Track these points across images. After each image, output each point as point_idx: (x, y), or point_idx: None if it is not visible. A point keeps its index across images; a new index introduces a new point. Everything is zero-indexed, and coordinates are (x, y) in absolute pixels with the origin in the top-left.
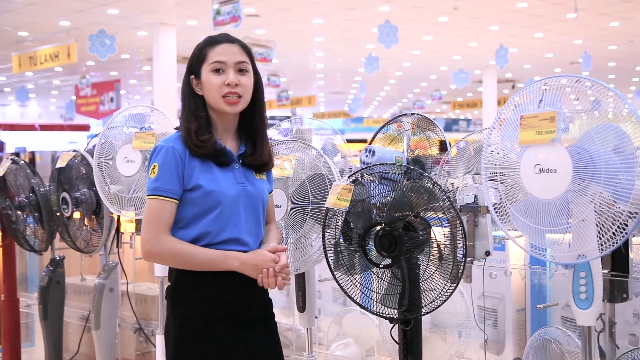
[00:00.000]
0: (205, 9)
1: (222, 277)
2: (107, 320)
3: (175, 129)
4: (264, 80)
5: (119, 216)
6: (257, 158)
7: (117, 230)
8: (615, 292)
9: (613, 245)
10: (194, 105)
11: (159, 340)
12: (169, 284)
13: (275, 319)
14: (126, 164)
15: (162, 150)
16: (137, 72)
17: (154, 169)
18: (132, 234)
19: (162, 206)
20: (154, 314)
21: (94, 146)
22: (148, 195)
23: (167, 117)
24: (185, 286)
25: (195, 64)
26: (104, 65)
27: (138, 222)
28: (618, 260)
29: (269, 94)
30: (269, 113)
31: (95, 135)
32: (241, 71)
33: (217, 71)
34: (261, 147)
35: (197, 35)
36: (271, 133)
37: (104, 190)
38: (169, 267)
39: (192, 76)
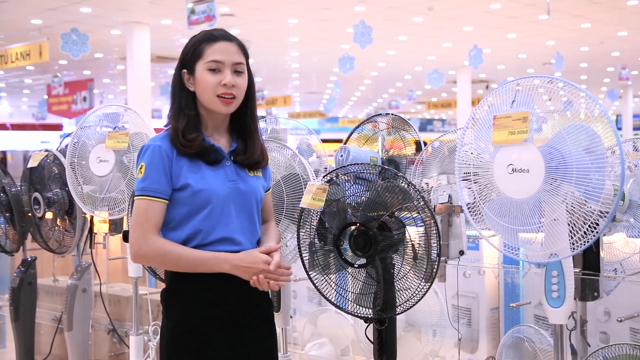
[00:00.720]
0: (179, 8)
1: (216, 278)
2: (80, 322)
3: (164, 126)
4: None
5: (92, 216)
6: (249, 157)
7: (90, 230)
8: (587, 290)
9: (584, 244)
10: (184, 102)
11: (133, 342)
12: (164, 286)
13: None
14: (99, 164)
15: (149, 150)
16: (111, 71)
17: (141, 168)
18: (106, 234)
19: (150, 206)
20: (127, 315)
21: (66, 146)
22: (136, 196)
23: (140, 116)
24: (178, 288)
25: (189, 58)
26: (77, 64)
27: (111, 223)
28: (589, 259)
29: None
30: None
31: (68, 135)
32: (237, 72)
33: (213, 70)
34: (252, 146)
35: (171, 34)
36: None
37: (76, 190)
38: (165, 270)
39: (185, 70)
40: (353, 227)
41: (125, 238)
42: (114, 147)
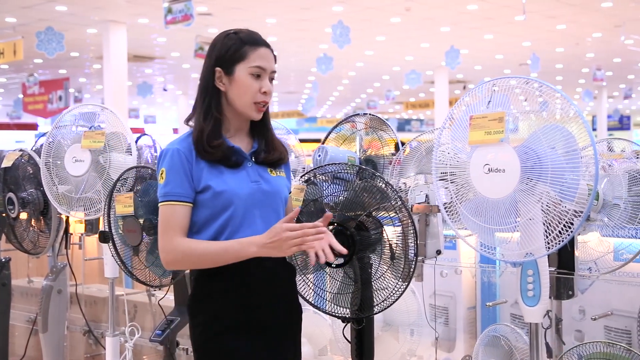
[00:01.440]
0: (156, 7)
1: (241, 281)
2: (55, 323)
3: (186, 122)
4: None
5: (67, 217)
6: (272, 154)
7: (66, 231)
8: (562, 289)
9: (559, 244)
10: (213, 103)
11: (109, 343)
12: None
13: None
14: (75, 164)
15: (168, 154)
16: (87, 70)
17: (162, 174)
18: (82, 234)
19: (173, 211)
20: (104, 316)
21: (41, 145)
22: (160, 202)
23: (117, 116)
24: (202, 295)
25: (229, 57)
26: (53, 63)
27: (87, 223)
28: (564, 258)
29: None
30: None
31: (43, 135)
32: (271, 80)
33: (256, 76)
34: (273, 143)
35: (148, 33)
36: None
37: (52, 190)
38: (191, 278)
39: (219, 69)
40: (331, 227)
41: (102, 238)
42: (89, 147)
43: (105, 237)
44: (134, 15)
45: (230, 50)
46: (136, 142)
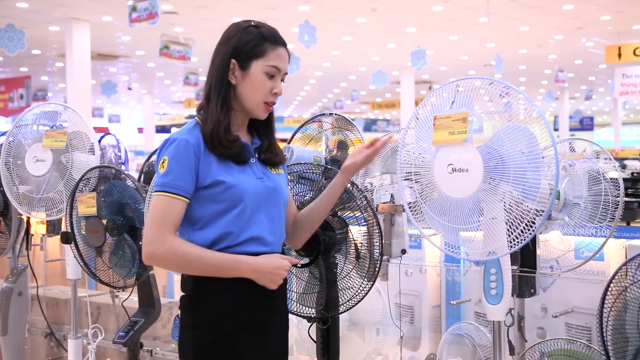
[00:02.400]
0: (120, 5)
1: (242, 282)
2: (16, 326)
3: (197, 114)
4: (182, 78)
5: (28, 217)
6: (276, 157)
7: (27, 232)
8: (524, 287)
9: (522, 242)
10: (229, 95)
11: (72, 345)
12: (184, 293)
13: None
14: (36, 163)
15: (174, 143)
16: (49, 69)
17: (163, 162)
18: (43, 235)
19: (170, 204)
20: (66, 318)
21: (1, 145)
22: (155, 192)
23: (80, 115)
24: (204, 294)
25: (247, 51)
26: (13, 61)
27: (49, 224)
28: (526, 256)
29: (188, 93)
30: (187, 112)
31: (3, 134)
32: (282, 81)
33: (271, 75)
34: (275, 143)
35: (112, 31)
36: None
37: (12, 190)
38: (183, 275)
39: (234, 61)
40: None
41: (64, 239)
42: (51, 147)
43: (67, 238)
44: (97, 13)
45: (250, 44)
46: (99, 141)
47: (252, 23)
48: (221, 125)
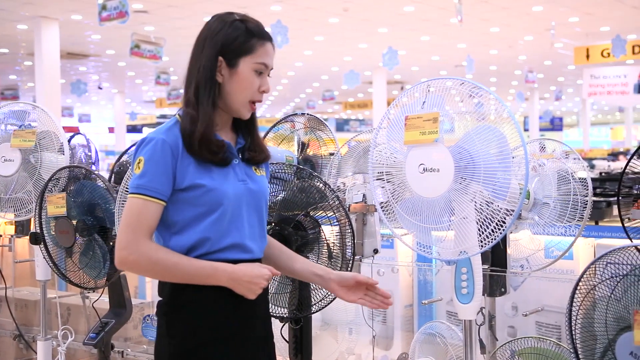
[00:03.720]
0: (90, 3)
1: (223, 290)
2: None
3: (184, 107)
4: (154, 78)
5: None
6: (259, 154)
7: None
8: (495, 286)
9: (492, 242)
10: (214, 93)
11: (41, 347)
12: (161, 298)
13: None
14: (4, 163)
15: (151, 143)
16: (18, 67)
17: (139, 163)
18: (11, 236)
19: (145, 207)
20: (35, 319)
21: None
22: (130, 194)
23: (49, 114)
24: (182, 302)
25: (235, 48)
26: None
27: (18, 224)
28: (497, 255)
29: (159, 92)
30: (159, 111)
31: None
32: (268, 75)
33: (259, 72)
34: (259, 141)
35: (82, 30)
36: None
37: None
38: (161, 281)
39: (222, 58)
40: (268, 227)
41: (33, 240)
42: (19, 146)
43: (36, 239)
44: (66, 11)
45: (237, 40)
46: (69, 141)
47: (237, 17)
48: (209, 127)
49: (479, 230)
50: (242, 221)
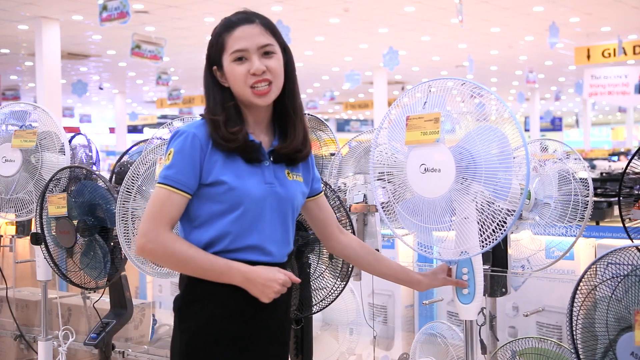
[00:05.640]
0: (90, 4)
1: (240, 289)
2: None
3: (200, 115)
4: (154, 78)
5: None
6: (288, 145)
7: None
8: (495, 286)
9: (493, 242)
10: (221, 97)
11: (42, 347)
12: (178, 292)
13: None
14: (5, 164)
15: (182, 136)
16: (19, 68)
17: (169, 155)
18: (12, 236)
19: (169, 198)
20: (36, 320)
21: None
22: (158, 183)
23: (50, 115)
24: (195, 297)
25: (214, 53)
26: None
27: (19, 225)
28: (498, 256)
29: (160, 93)
30: (159, 112)
31: None
32: (267, 54)
33: (239, 59)
34: (293, 132)
35: (82, 30)
36: (162, 132)
37: None
38: (180, 274)
39: (215, 67)
40: None
41: (34, 240)
42: (20, 146)
43: (37, 239)
44: (67, 12)
45: (213, 44)
46: (70, 141)
47: (221, 22)
48: (218, 123)
49: (480, 230)
50: (264, 223)
